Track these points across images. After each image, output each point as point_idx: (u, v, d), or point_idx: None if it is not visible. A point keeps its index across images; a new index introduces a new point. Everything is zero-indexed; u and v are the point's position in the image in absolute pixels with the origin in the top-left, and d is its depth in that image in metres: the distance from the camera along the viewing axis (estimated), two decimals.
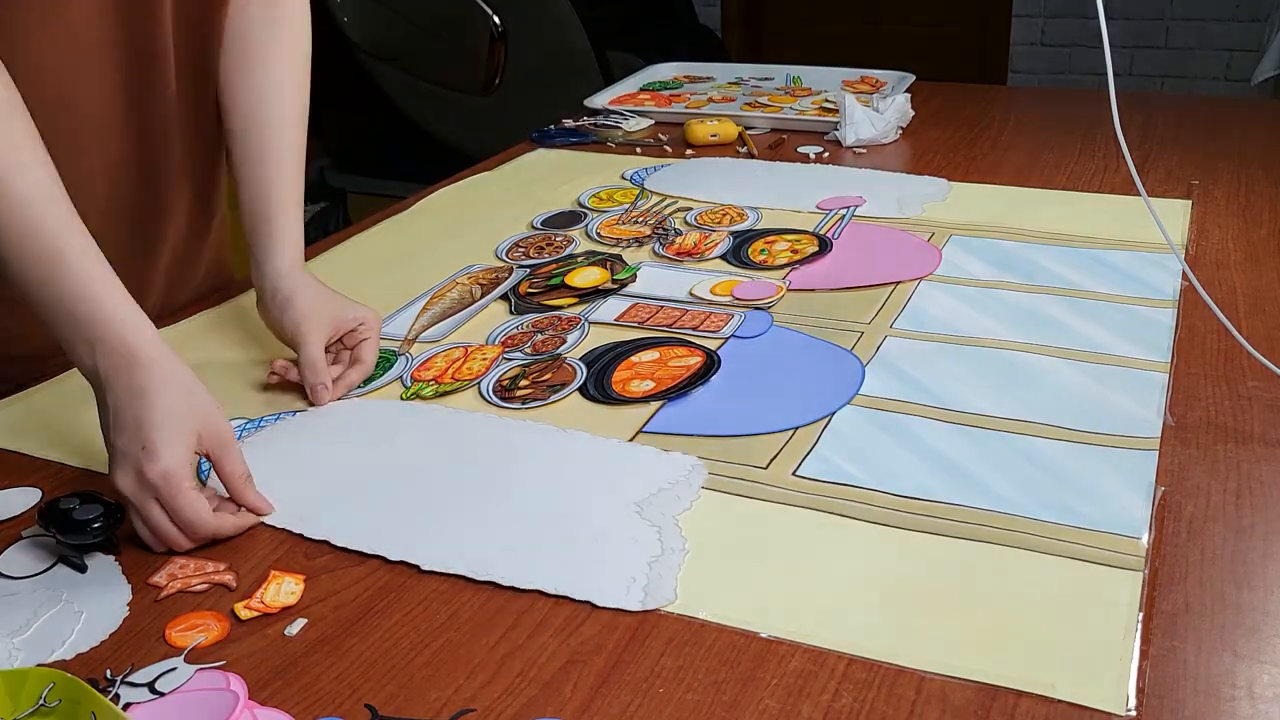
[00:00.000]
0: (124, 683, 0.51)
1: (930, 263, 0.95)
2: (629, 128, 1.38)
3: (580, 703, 0.49)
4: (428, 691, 0.50)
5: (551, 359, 0.81)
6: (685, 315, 0.86)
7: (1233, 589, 0.55)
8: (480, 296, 0.92)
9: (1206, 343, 0.79)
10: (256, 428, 0.73)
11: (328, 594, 0.57)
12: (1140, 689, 0.49)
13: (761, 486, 0.64)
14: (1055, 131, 1.32)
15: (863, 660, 0.51)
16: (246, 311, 0.90)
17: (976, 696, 0.49)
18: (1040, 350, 0.79)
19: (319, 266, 1.00)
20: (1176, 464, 0.65)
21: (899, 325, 0.84)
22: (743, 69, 1.66)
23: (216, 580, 0.58)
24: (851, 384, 0.75)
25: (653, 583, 0.56)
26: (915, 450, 0.67)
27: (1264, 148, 1.23)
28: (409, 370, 0.80)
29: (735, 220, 1.06)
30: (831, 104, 1.41)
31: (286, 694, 0.50)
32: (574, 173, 1.23)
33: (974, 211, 1.06)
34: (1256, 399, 0.72)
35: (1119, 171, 1.15)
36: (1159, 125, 1.32)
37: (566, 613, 0.55)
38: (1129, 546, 0.58)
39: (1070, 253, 0.96)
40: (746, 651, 0.52)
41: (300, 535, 0.62)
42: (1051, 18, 3.48)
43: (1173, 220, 1.01)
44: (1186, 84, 3.35)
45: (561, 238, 1.04)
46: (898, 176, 1.18)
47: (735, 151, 1.30)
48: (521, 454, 0.69)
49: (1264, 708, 0.48)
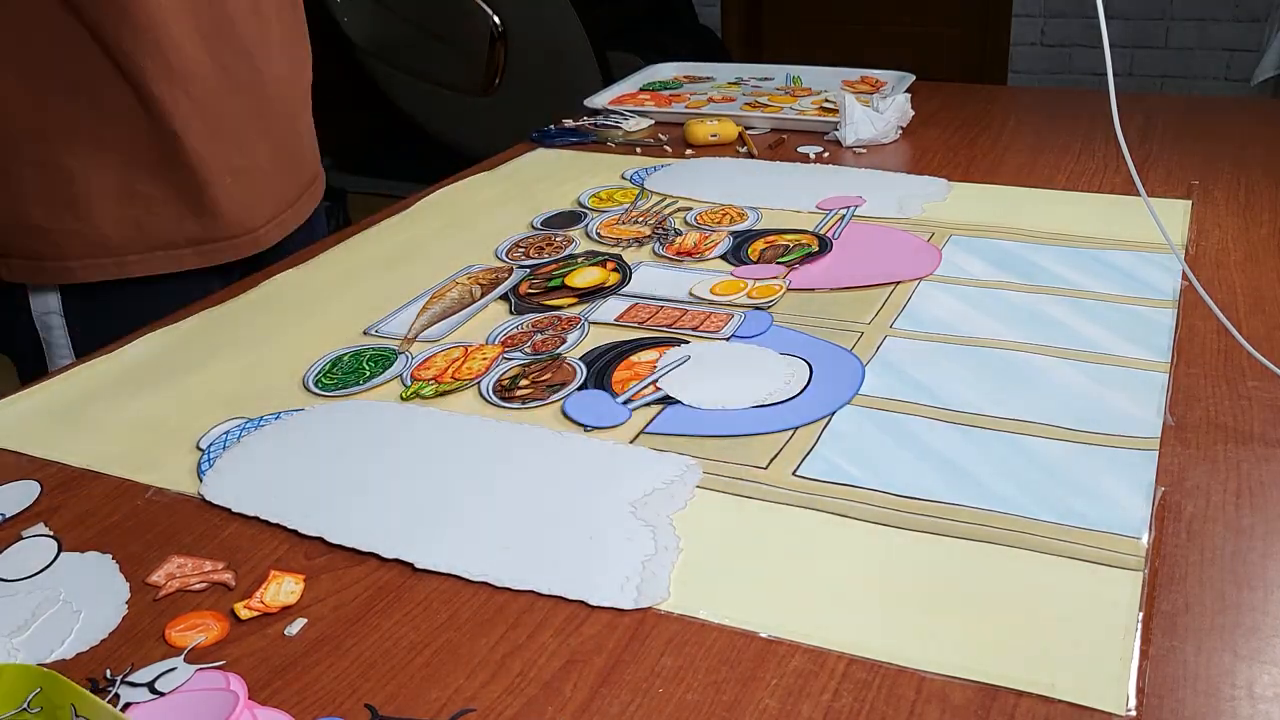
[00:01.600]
0: (124, 683, 0.51)
1: (930, 263, 0.95)
2: (629, 128, 1.38)
3: (580, 703, 0.49)
4: (428, 691, 0.50)
5: (551, 359, 0.81)
6: (685, 315, 0.86)
7: (1233, 589, 0.55)
8: (480, 296, 0.92)
9: (1206, 343, 0.79)
10: (256, 427, 0.73)
11: (327, 594, 0.57)
12: (1140, 689, 0.49)
13: (761, 486, 0.64)
14: (1055, 131, 1.32)
15: (863, 660, 0.51)
16: (247, 311, 0.90)
17: (976, 696, 0.49)
18: (1040, 350, 0.79)
19: (318, 267, 1.00)
20: (1176, 464, 0.65)
21: (899, 325, 0.84)
22: (743, 69, 1.66)
23: (215, 579, 0.58)
24: (851, 384, 0.75)
25: (646, 581, 0.56)
26: (915, 450, 0.67)
27: (1264, 148, 1.23)
28: (408, 370, 0.80)
29: (735, 220, 1.06)
30: (831, 104, 1.41)
31: (286, 694, 0.50)
32: (574, 173, 1.23)
33: (974, 211, 1.06)
34: (1256, 399, 0.72)
35: (1119, 171, 1.16)
36: (1159, 125, 1.32)
37: (566, 612, 0.55)
38: (1129, 546, 0.58)
39: (1070, 253, 0.96)
40: (746, 651, 0.52)
41: (300, 534, 0.62)
42: (1051, 18, 3.48)
43: (1173, 220, 1.01)
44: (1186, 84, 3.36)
45: (561, 238, 1.04)
46: (898, 176, 1.18)
47: (735, 151, 1.30)
48: (517, 454, 0.69)
49: (1264, 708, 0.48)
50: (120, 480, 0.68)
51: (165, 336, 0.88)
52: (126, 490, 0.67)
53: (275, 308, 0.92)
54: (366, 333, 0.86)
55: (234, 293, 0.95)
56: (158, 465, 0.69)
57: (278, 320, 0.90)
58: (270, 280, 0.97)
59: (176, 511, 0.65)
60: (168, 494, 0.66)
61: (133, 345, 0.86)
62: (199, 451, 0.70)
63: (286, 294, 0.95)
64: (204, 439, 0.72)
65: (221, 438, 0.72)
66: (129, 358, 0.84)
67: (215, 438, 0.72)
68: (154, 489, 0.67)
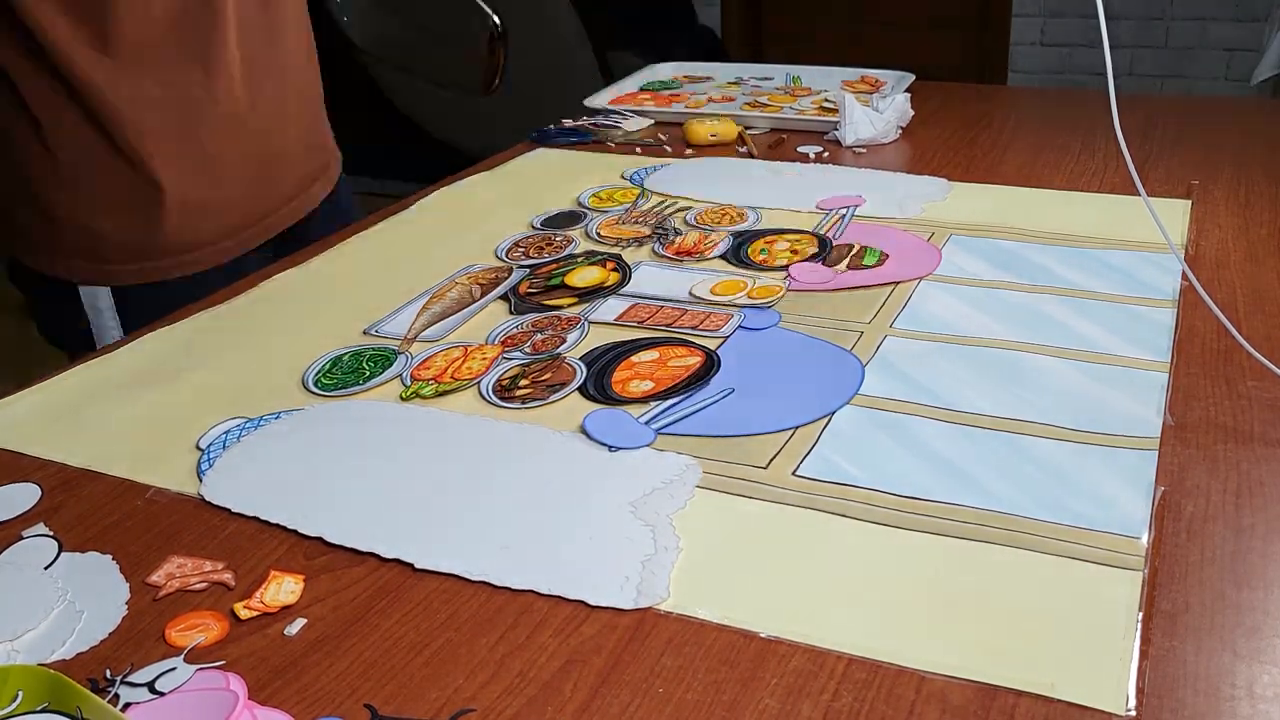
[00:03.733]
0: (123, 683, 0.51)
1: (930, 263, 0.95)
2: (629, 128, 1.38)
3: (580, 703, 0.49)
4: (427, 691, 0.50)
5: (551, 359, 0.81)
6: (685, 315, 0.86)
7: (1233, 589, 0.55)
8: (480, 296, 0.92)
9: (1206, 343, 0.79)
10: (256, 427, 0.73)
11: (327, 594, 0.57)
12: (1140, 689, 0.49)
13: (761, 486, 0.64)
14: (1055, 131, 1.32)
15: (863, 660, 0.51)
16: (247, 311, 0.90)
17: (976, 696, 0.49)
18: (1040, 350, 0.79)
19: (319, 266, 1.00)
20: (1176, 464, 0.65)
21: (899, 325, 0.84)
22: (743, 69, 1.66)
23: (215, 579, 0.58)
24: (851, 384, 0.75)
25: (645, 581, 0.56)
26: (915, 450, 0.67)
27: (1264, 148, 1.23)
28: (408, 370, 0.80)
29: (735, 220, 1.06)
30: (831, 104, 1.41)
31: (286, 694, 0.50)
32: (574, 173, 1.23)
33: (974, 211, 1.06)
34: (1256, 399, 0.72)
35: (1119, 171, 1.15)
36: (1159, 125, 1.32)
37: (566, 612, 0.55)
38: (1129, 546, 0.58)
39: (1070, 253, 0.96)
40: (746, 651, 0.52)
41: (300, 534, 0.62)
42: (1051, 18, 3.48)
43: (1173, 220, 1.01)
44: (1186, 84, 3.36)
45: (561, 238, 1.04)
46: (898, 176, 1.18)
47: (735, 151, 1.30)
48: (517, 454, 0.69)
49: (1264, 708, 0.48)
50: (120, 480, 0.68)
51: (165, 336, 0.88)
52: (126, 490, 0.67)
53: (275, 308, 0.92)
54: (366, 333, 0.86)
55: (234, 292, 0.95)
56: (158, 465, 0.69)
57: (278, 320, 0.90)
58: (270, 280, 0.97)
59: (176, 511, 0.65)
60: (168, 494, 0.66)
61: (133, 345, 0.86)
62: (199, 451, 0.70)
63: (286, 294, 0.95)
64: (204, 439, 0.72)
65: (221, 438, 0.72)
66: (129, 358, 0.84)
67: (215, 438, 0.72)
68: (154, 489, 0.67)
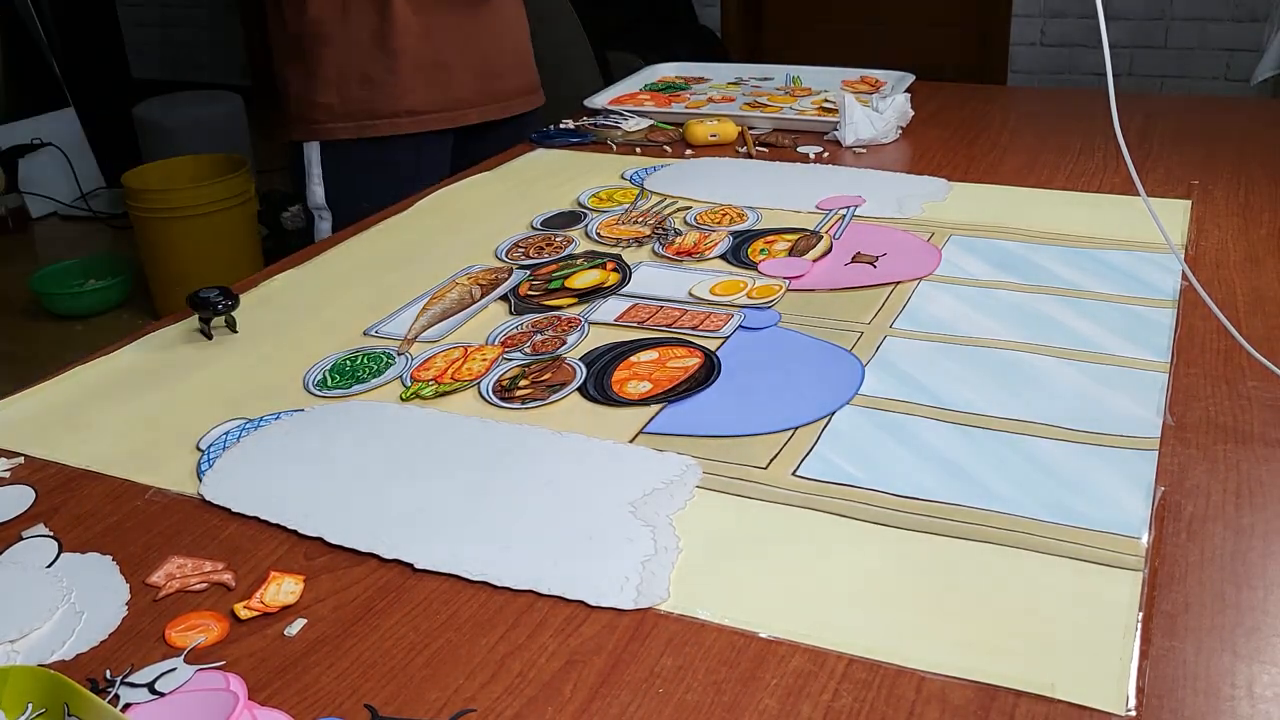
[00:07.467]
0: (124, 683, 0.51)
1: (930, 263, 0.95)
2: (629, 128, 1.38)
3: (580, 703, 0.49)
4: (427, 691, 0.50)
5: (551, 359, 0.81)
6: (685, 315, 0.86)
7: (1233, 589, 0.55)
8: (480, 297, 0.92)
9: (1206, 343, 0.79)
10: (256, 427, 0.73)
11: (327, 594, 0.57)
12: (1140, 689, 0.49)
13: (761, 486, 0.64)
14: (1055, 131, 1.32)
15: (863, 660, 0.51)
16: (247, 311, 0.90)
17: (976, 696, 0.49)
18: (1040, 350, 0.79)
19: (318, 267, 1.00)
20: (1176, 464, 0.65)
21: (899, 325, 0.84)
22: (743, 69, 1.66)
23: (215, 580, 0.58)
24: (851, 384, 0.75)
25: (646, 581, 0.56)
26: (915, 450, 0.67)
27: (1264, 148, 1.23)
28: (408, 370, 0.80)
29: (735, 220, 1.06)
30: (831, 104, 1.41)
31: (286, 694, 0.50)
32: (574, 173, 1.23)
33: (974, 211, 1.06)
34: (1256, 399, 0.72)
35: (1119, 171, 1.15)
36: (1159, 125, 1.32)
37: (566, 613, 0.55)
38: (1129, 546, 0.58)
39: (1070, 253, 0.96)
40: (746, 651, 0.52)
41: (300, 534, 0.62)
42: (1051, 18, 3.48)
43: (1173, 220, 1.01)
44: (1186, 84, 3.36)
45: (561, 238, 1.04)
46: (898, 176, 1.18)
47: (735, 151, 1.30)
48: (517, 455, 0.69)
49: (1264, 708, 0.48)
50: (120, 481, 0.68)
51: (164, 337, 0.88)
52: (126, 491, 0.67)
53: (275, 308, 0.92)
54: (366, 334, 0.86)
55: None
56: (158, 465, 0.69)
57: (278, 320, 0.90)
58: (270, 280, 0.97)
59: (176, 512, 0.65)
60: (167, 494, 0.66)
61: (131, 346, 0.86)
62: (199, 452, 0.70)
63: (286, 294, 0.95)
64: (204, 439, 0.72)
65: (221, 438, 0.72)
66: (128, 359, 0.84)
67: (215, 438, 0.72)
68: (154, 489, 0.67)
